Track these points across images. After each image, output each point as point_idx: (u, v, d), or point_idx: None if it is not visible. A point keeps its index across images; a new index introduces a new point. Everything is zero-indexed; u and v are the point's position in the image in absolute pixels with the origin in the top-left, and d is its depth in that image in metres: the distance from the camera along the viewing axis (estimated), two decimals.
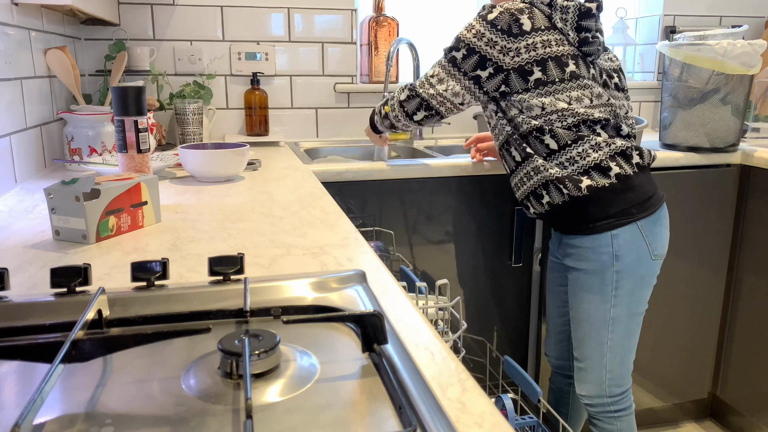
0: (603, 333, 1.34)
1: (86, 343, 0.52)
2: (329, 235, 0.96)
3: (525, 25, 1.28)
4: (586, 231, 1.31)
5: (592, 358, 1.37)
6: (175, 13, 1.99)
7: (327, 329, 0.63)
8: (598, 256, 1.30)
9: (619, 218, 1.28)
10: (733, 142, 1.86)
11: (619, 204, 1.28)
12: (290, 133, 2.17)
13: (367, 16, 2.20)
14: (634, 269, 1.31)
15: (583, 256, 1.33)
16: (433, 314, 1.27)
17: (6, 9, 1.28)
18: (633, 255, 1.30)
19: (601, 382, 1.38)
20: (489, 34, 1.29)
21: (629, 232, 1.29)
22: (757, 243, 1.88)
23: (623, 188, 1.28)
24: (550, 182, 1.31)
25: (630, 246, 1.29)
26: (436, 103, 1.38)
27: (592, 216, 1.29)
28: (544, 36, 1.29)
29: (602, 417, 1.41)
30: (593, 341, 1.36)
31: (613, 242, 1.29)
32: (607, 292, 1.31)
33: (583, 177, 1.28)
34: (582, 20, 1.30)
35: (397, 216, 1.66)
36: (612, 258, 1.29)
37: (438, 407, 0.46)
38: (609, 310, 1.32)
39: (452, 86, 1.35)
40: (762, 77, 2.12)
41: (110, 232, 0.95)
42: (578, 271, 1.35)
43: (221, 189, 1.32)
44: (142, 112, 1.21)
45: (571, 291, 1.38)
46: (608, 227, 1.29)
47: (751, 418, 1.96)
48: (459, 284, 1.74)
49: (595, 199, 1.28)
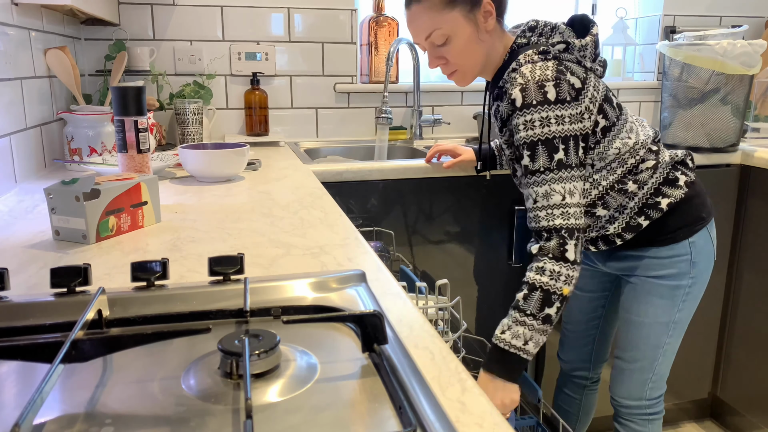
0: (662, 337, 1.32)
1: (86, 343, 0.52)
2: (329, 235, 0.96)
3: (576, 83, 1.16)
4: (664, 242, 1.27)
5: (643, 361, 1.34)
6: (175, 13, 1.99)
7: (327, 329, 0.63)
8: (676, 264, 1.28)
9: (695, 225, 1.27)
10: (733, 142, 1.86)
11: (693, 211, 1.27)
12: (290, 133, 2.17)
13: (367, 16, 2.20)
14: (705, 273, 1.30)
15: (658, 265, 1.29)
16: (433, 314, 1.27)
17: (6, 9, 1.28)
18: (706, 259, 1.29)
19: (644, 384, 1.36)
20: (566, 111, 1.14)
21: (703, 238, 1.28)
22: (757, 243, 1.88)
23: (692, 194, 1.28)
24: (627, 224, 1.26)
25: (704, 251, 1.29)
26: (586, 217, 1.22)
27: (669, 227, 1.27)
28: (590, 84, 1.19)
29: (635, 419, 1.39)
30: (650, 344, 1.33)
31: (691, 250, 1.27)
32: (677, 297, 1.29)
33: (659, 198, 1.24)
34: (596, 48, 1.24)
35: (397, 216, 1.66)
36: (689, 265, 1.28)
37: (438, 407, 0.46)
38: (675, 314, 1.30)
39: (581, 187, 1.16)
40: (762, 77, 2.12)
41: (110, 232, 0.94)
42: (647, 278, 1.30)
43: (221, 189, 1.32)
44: (142, 112, 1.21)
45: (631, 295, 1.33)
46: (687, 234, 1.27)
47: (751, 418, 1.96)
48: (459, 284, 1.74)
49: (674, 211, 1.26)
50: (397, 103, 2.23)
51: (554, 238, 1.13)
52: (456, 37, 1.21)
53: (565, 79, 1.15)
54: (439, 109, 2.27)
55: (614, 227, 1.27)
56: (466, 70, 1.26)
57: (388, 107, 1.98)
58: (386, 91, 2.01)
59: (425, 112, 2.25)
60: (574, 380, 1.57)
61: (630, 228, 1.26)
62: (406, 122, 2.25)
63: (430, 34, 1.22)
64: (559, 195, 1.14)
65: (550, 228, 1.14)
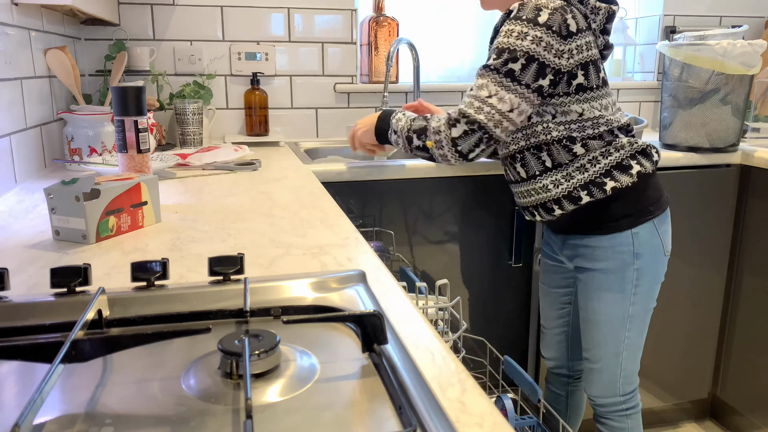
0: (620, 332, 1.33)
1: (86, 343, 0.52)
2: (329, 235, 0.96)
3: (572, 25, 1.20)
4: (606, 230, 1.29)
5: (607, 359, 1.36)
6: (175, 13, 1.99)
7: (327, 329, 0.63)
8: (619, 255, 1.29)
9: (639, 216, 1.28)
10: (733, 142, 1.86)
11: (640, 202, 1.28)
12: (290, 133, 2.17)
13: (367, 16, 2.20)
14: (652, 267, 1.31)
15: (601, 256, 1.30)
16: (433, 314, 1.27)
17: (6, 9, 1.28)
18: (651, 252, 1.30)
19: (615, 381, 1.37)
20: (546, 37, 1.18)
21: (648, 230, 1.29)
22: (757, 243, 1.88)
23: (643, 186, 1.28)
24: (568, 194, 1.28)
25: (649, 243, 1.29)
26: (501, 130, 1.21)
27: (612, 215, 1.28)
28: (585, 38, 1.23)
29: (613, 416, 1.40)
30: (609, 341, 1.34)
31: (633, 240, 1.28)
32: (627, 290, 1.30)
33: (607, 179, 1.26)
34: (608, 23, 1.27)
35: (397, 216, 1.66)
36: (633, 256, 1.29)
37: (438, 407, 0.46)
38: (628, 308, 1.31)
39: (517, 104, 1.20)
40: (762, 77, 2.12)
41: (110, 232, 0.94)
42: (594, 271, 1.32)
43: (221, 189, 1.32)
44: (142, 112, 1.21)
45: (584, 291, 1.36)
46: (630, 225, 1.28)
47: (751, 418, 1.96)
48: (459, 284, 1.74)
49: (618, 198, 1.27)
50: (397, 103, 2.23)
51: (461, 124, 1.20)
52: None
53: (564, 15, 1.19)
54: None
55: (556, 191, 1.28)
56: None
57: (388, 107, 1.98)
58: (386, 91, 2.01)
59: None
60: (557, 377, 1.60)
61: (570, 198, 1.27)
62: None
63: None
64: (486, 91, 1.20)
65: (465, 113, 1.20)
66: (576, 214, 1.30)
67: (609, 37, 1.31)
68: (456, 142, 1.21)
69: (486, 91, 1.20)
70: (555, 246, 1.45)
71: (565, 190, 1.28)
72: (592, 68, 1.24)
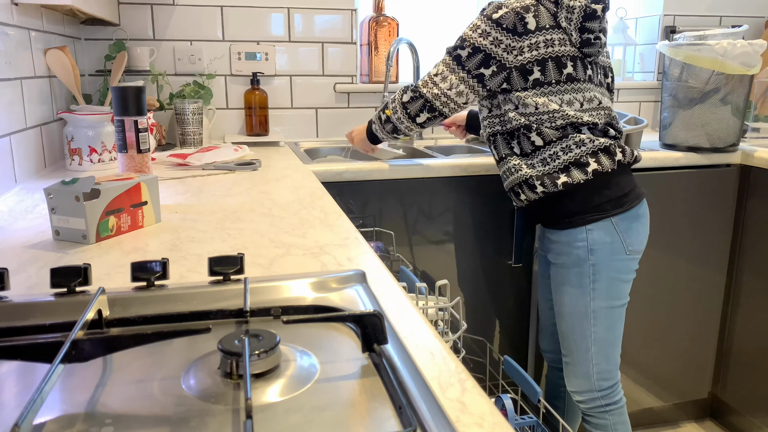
0: (585, 326, 1.37)
1: (86, 343, 0.52)
2: (329, 235, 0.96)
3: (530, 24, 1.28)
4: (562, 225, 1.35)
5: (577, 352, 1.40)
6: (175, 13, 1.99)
7: (327, 329, 0.63)
8: (574, 250, 1.34)
9: (593, 213, 1.32)
10: (733, 142, 1.86)
11: (594, 200, 1.32)
12: (290, 133, 2.17)
13: (367, 16, 2.20)
14: (609, 263, 1.33)
15: (561, 251, 1.37)
16: (433, 315, 1.27)
17: (6, 9, 1.28)
18: (607, 249, 1.33)
19: (589, 376, 1.40)
20: (494, 32, 1.29)
21: (603, 228, 1.32)
22: (757, 243, 1.88)
23: (600, 185, 1.31)
24: (526, 180, 1.35)
25: (604, 240, 1.32)
26: (440, 103, 1.37)
27: (567, 210, 1.33)
28: (548, 35, 1.29)
29: (594, 412, 1.43)
30: (576, 334, 1.39)
31: (588, 236, 1.32)
32: (585, 285, 1.35)
33: (562, 174, 1.31)
34: (586, 21, 1.31)
35: (397, 216, 1.66)
36: (587, 252, 1.33)
37: (438, 407, 0.46)
38: (589, 303, 1.35)
39: (456, 84, 1.35)
40: (762, 77, 2.12)
41: (110, 232, 0.94)
42: (557, 265, 1.39)
43: (221, 189, 1.32)
44: (142, 112, 1.21)
45: (554, 285, 1.42)
46: (583, 222, 1.32)
47: (751, 418, 1.96)
48: (459, 284, 1.74)
49: (571, 194, 1.32)
50: None
51: (409, 92, 1.41)
52: None
53: (522, 14, 1.29)
54: None
55: (519, 175, 1.37)
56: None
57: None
58: (386, 91, 2.01)
59: None
60: (554, 371, 1.62)
61: (527, 185, 1.36)
62: None
63: None
64: (435, 70, 1.38)
65: (415, 85, 1.41)
66: (539, 206, 1.37)
67: (593, 35, 1.32)
68: (405, 106, 1.41)
69: (435, 69, 1.38)
70: (539, 240, 1.53)
71: (525, 176, 1.35)
72: (552, 64, 1.30)
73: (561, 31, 1.30)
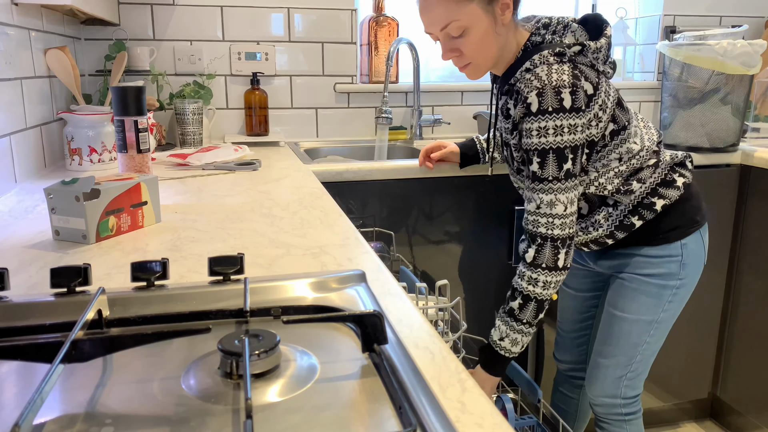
0: (643, 335, 1.32)
1: (86, 343, 0.52)
2: (329, 235, 0.96)
3: (589, 90, 1.15)
4: (657, 242, 1.27)
5: (620, 357, 1.34)
6: (175, 13, 1.99)
7: (327, 329, 0.63)
8: (667, 263, 1.27)
9: (688, 227, 1.27)
10: (733, 142, 1.86)
11: (687, 213, 1.27)
12: (290, 133, 2.17)
13: (367, 16, 2.20)
14: (694, 276, 1.30)
15: (647, 264, 1.29)
16: (433, 315, 1.27)
17: (6, 9, 1.28)
18: (696, 262, 1.29)
19: (619, 381, 1.35)
20: (578, 120, 1.14)
21: (695, 241, 1.28)
22: (757, 243, 1.88)
23: (688, 196, 1.28)
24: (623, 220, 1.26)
25: (695, 254, 1.29)
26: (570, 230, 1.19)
27: (662, 228, 1.26)
28: (601, 87, 1.18)
29: (611, 419, 1.38)
30: (630, 341, 1.32)
31: (683, 251, 1.27)
32: (664, 297, 1.29)
33: (654, 198, 1.24)
34: (609, 49, 1.22)
35: (397, 216, 1.66)
36: (680, 266, 1.28)
37: (438, 407, 0.46)
38: (659, 314, 1.30)
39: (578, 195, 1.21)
40: (762, 77, 2.12)
41: (110, 232, 0.94)
42: (636, 275, 1.30)
43: (221, 189, 1.32)
44: (142, 112, 1.21)
45: (618, 290, 1.33)
46: (678, 236, 1.27)
47: (751, 418, 1.96)
48: (459, 285, 1.74)
49: (669, 212, 1.26)
50: (397, 103, 2.23)
51: (548, 247, 1.17)
52: (473, 29, 1.17)
53: (580, 85, 1.13)
54: (439, 109, 2.27)
55: (608, 225, 1.27)
56: (480, 63, 1.23)
57: (388, 107, 1.98)
58: (386, 91, 2.01)
59: (425, 112, 2.25)
60: (570, 380, 1.58)
61: (623, 227, 1.26)
62: (406, 122, 2.25)
63: (446, 25, 1.17)
64: (563, 205, 1.16)
65: (546, 236, 1.17)
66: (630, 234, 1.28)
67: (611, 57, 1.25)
68: (566, 266, 1.19)
69: (560, 206, 1.16)
70: (586, 255, 1.42)
71: (616, 221, 1.26)
72: (618, 110, 1.21)
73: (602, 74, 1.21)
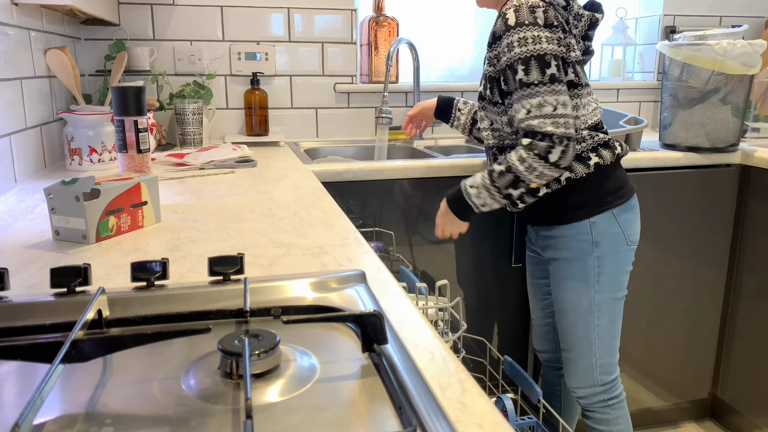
0: (590, 320, 1.37)
1: (86, 343, 0.52)
2: (329, 235, 0.96)
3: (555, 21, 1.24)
4: (565, 220, 1.34)
5: (580, 347, 1.39)
6: (175, 13, 1.99)
7: (327, 329, 0.63)
8: (578, 244, 1.34)
9: (596, 206, 1.32)
10: (733, 142, 1.86)
11: (596, 192, 1.32)
12: (290, 133, 2.17)
13: (367, 16, 2.20)
14: (613, 255, 1.34)
15: (563, 245, 1.36)
16: (433, 315, 1.27)
17: (6, 9, 1.28)
18: (611, 241, 1.33)
19: (591, 371, 1.40)
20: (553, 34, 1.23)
21: (606, 220, 1.33)
22: (757, 243, 1.88)
23: (600, 177, 1.32)
24: None
25: (608, 232, 1.33)
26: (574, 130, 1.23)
27: (570, 205, 1.33)
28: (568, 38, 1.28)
29: (596, 408, 1.42)
30: (580, 329, 1.38)
31: (591, 229, 1.33)
32: (590, 278, 1.35)
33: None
34: (590, 29, 1.33)
35: (397, 216, 1.66)
36: (592, 245, 1.33)
37: (438, 407, 0.46)
38: (594, 296, 1.35)
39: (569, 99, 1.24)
40: (762, 77, 2.12)
41: (110, 232, 0.94)
42: (559, 261, 1.38)
43: (221, 189, 1.32)
44: (142, 112, 1.21)
45: (554, 282, 1.41)
46: (587, 215, 1.32)
47: (751, 418, 1.96)
48: (459, 285, 1.74)
49: (574, 188, 1.32)
50: (397, 103, 2.23)
51: (545, 141, 1.22)
52: None
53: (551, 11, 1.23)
54: None
55: None
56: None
57: (388, 107, 1.98)
58: (386, 91, 2.01)
59: None
60: (550, 370, 1.62)
61: (530, 190, 1.31)
62: None
63: None
64: (551, 106, 1.22)
65: (543, 132, 1.22)
66: (538, 205, 1.35)
67: (591, 43, 1.36)
68: (558, 164, 1.23)
69: (548, 107, 1.21)
70: (532, 238, 1.50)
71: None
72: (579, 68, 1.31)
73: (572, 36, 1.30)
